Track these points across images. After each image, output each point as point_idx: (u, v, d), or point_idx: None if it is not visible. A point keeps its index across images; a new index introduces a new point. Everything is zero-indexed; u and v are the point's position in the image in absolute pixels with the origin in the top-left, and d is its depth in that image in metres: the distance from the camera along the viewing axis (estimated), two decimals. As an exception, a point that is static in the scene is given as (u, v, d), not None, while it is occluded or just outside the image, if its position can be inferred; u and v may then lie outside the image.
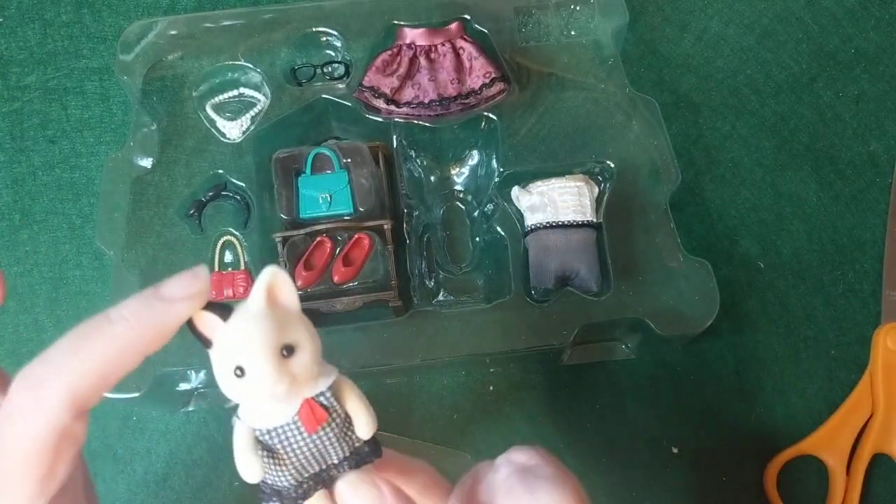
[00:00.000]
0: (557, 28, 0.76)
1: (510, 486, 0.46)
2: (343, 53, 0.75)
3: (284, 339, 0.39)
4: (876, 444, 0.68)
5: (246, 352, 0.38)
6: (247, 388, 0.39)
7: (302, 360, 0.39)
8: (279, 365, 0.38)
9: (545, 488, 0.45)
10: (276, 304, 0.40)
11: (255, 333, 0.38)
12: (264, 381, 0.38)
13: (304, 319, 0.41)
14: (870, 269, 0.75)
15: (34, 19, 0.83)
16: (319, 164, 0.69)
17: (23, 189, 0.77)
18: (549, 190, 0.68)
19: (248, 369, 0.38)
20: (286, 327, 0.39)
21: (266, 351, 0.38)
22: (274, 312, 0.39)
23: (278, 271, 0.39)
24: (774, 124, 0.79)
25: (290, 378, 0.39)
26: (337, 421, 0.42)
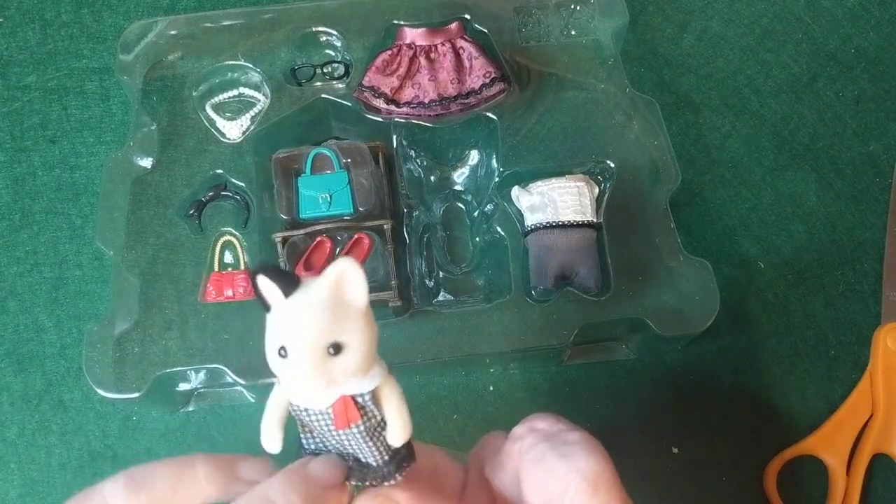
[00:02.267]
0: (557, 28, 0.76)
1: (540, 453, 0.45)
2: (343, 53, 0.75)
3: (335, 336, 0.38)
4: (876, 444, 0.68)
5: (292, 338, 0.38)
6: (286, 369, 0.39)
7: (346, 362, 0.38)
8: (321, 361, 0.38)
9: (579, 453, 0.44)
10: (340, 297, 0.39)
11: (307, 323, 0.38)
12: (302, 372, 0.38)
13: (366, 319, 0.39)
14: (870, 269, 0.75)
15: (34, 19, 0.83)
16: (319, 164, 0.69)
17: (23, 189, 0.77)
18: (549, 190, 0.68)
19: (291, 354, 0.38)
20: (341, 325, 0.38)
21: (311, 344, 0.38)
22: (335, 306, 0.38)
23: (351, 266, 0.38)
24: (774, 124, 0.79)
25: (329, 377, 0.38)
26: (371, 423, 0.41)
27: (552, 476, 0.44)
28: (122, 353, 0.64)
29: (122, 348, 0.64)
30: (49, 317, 0.73)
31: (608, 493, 0.43)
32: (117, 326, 0.65)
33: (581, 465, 0.43)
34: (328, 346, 0.38)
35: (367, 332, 0.39)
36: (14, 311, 0.74)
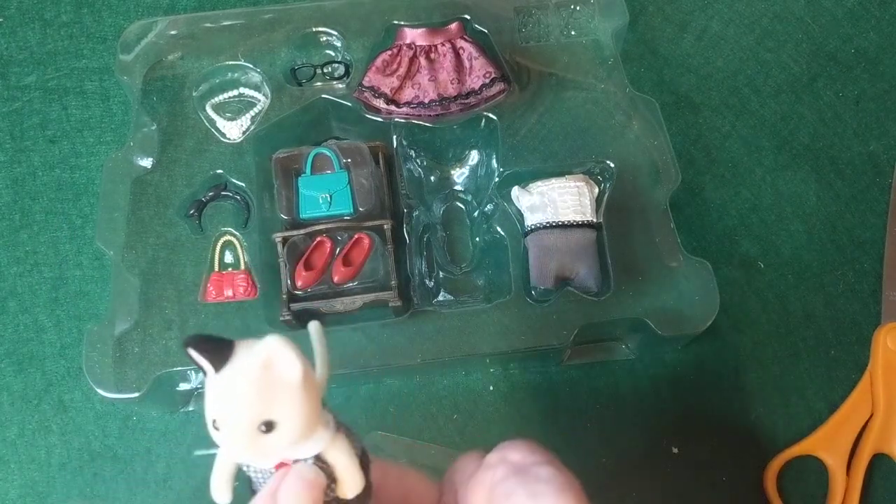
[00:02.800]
0: (557, 28, 0.76)
1: (510, 489, 0.44)
2: (343, 53, 0.75)
3: (266, 415, 0.38)
4: (876, 444, 0.68)
5: (222, 414, 0.38)
6: (221, 441, 0.39)
7: (279, 438, 0.38)
8: (252, 439, 0.38)
9: (548, 493, 0.43)
10: (270, 375, 0.38)
11: (236, 402, 0.38)
12: (233, 447, 0.38)
13: (302, 394, 0.39)
14: (870, 269, 0.75)
15: (34, 19, 0.83)
16: (319, 165, 0.69)
17: (23, 189, 0.77)
18: (549, 190, 0.68)
19: (222, 430, 0.38)
20: (272, 403, 0.38)
21: (241, 423, 0.38)
22: (265, 384, 0.38)
23: (281, 344, 0.38)
24: (774, 124, 0.79)
25: (262, 452, 0.38)
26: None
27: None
28: (122, 353, 0.64)
29: (122, 348, 0.64)
30: (49, 317, 0.73)
31: None
32: (117, 326, 0.65)
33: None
34: (259, 425, 0.37)
35: (302, 407, 0.39)
36: (14, 311, 0.74)
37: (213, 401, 0.38)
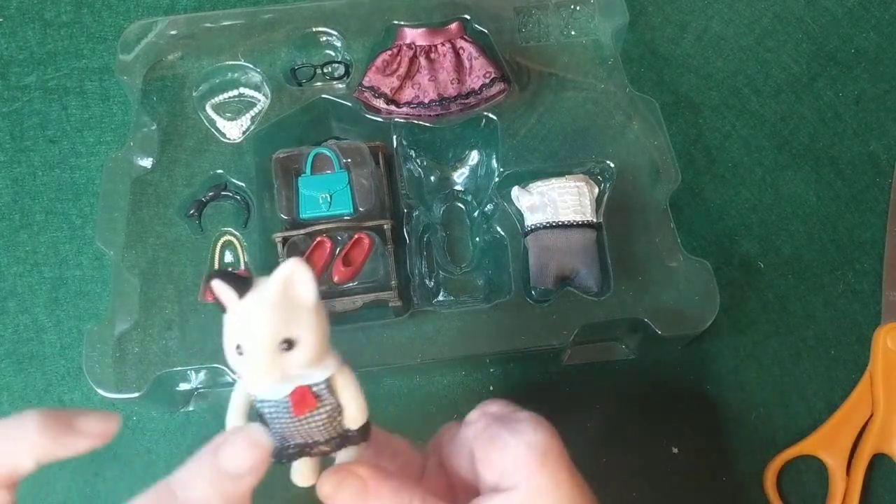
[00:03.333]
0: (557, 28, 0.76)
1: (493, 433, 0.48)
2: (343, 53, 0.75)
3: (287, 333, 0.40)
4: (876, 444, 0.68)
5: (247, 336, 0.40)
6: (244, 365, 0.41)
7: (298, 357, 0.41)
8: (274, 357, 0.40)
9: (528, 428, 0.48)
10: (290, 296, 0.41)
11: (259, 322, 0.40)
12: (257, 367, 0.40)
13: (316, 315, 0.42)
14: (870, 269, 0.75)
15: (34, 19, 0.83)
16: (319, 165, 0.69)
17: (23, 189, 0.77)
18: (549, 190, 0.68)
19: (246, 352, 0.40)
20: (292, 322, 0.41)
21: (264, 341, 0.40)
22: (285, 305, 0.41)
23: (299, 265, 0.41)
24: (774, 124, 0.79)
25: (282, 371, 0.41)
26: (326, 409, 0.43)
27: (504, 452, 0.47)
28: (122, 353, 0.64)
29: (122, 348, 0.64)
30: (49, 317, 0.73)
31: (556, 463, 0.47)
32: (117, 326, 0.65)
33: (530, 438, 0.47)
34: (281, 343, 0.40)
35: (318, 327, 0.42)
36: (14, 311, 0.74)
37: (237, 326, 0.41)
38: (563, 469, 0.47)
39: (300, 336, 0.41)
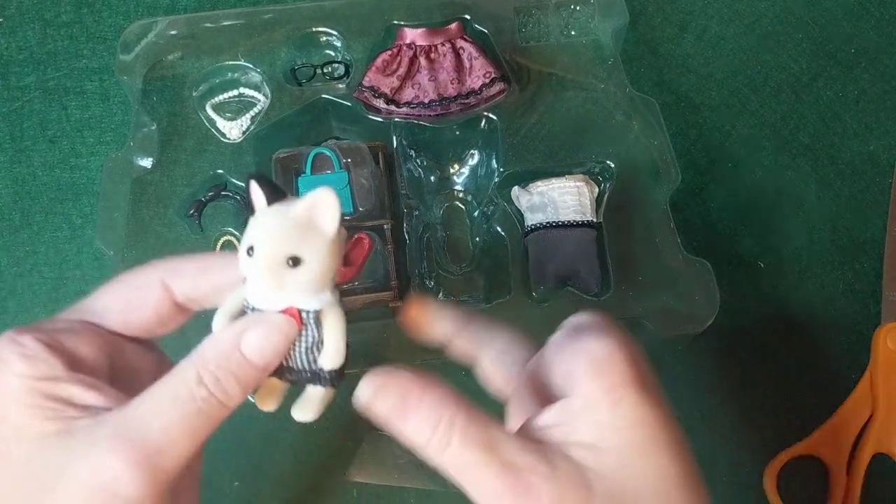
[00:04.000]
0: (557, 28, 0.76)
1: (561, 343, 0.46)
2: (343, 53, 0.76)
3: (295, 250, 0.41)
4: (876, 444, 0.68)
5: (260, 240, 0.42)
6: (249, 267, 0.42)
7: (299, 276, 0.42)
8: (278, 267, 0.41)
9: (592, 335, 0.44)
10: (311, 219, 0.42)
11: (275, 231, 0.42)
12: (260, 272, 0.42)
13: (329, 247, 0.42)
14: (870, 269, 0.75)
15: (34, 19, 0.83)
16: (319, 164, 0.69)
17: (23, 189, 0.77)
18: (549, 190, 0.68)
19: (255, 255, 0.42)
20: (305, 242, 0.42)
21: (273, 249, 0.42)
22: (304, 225, 0.42)
23: (330, 195, 0.42)
24: (774, 124, 0.79)
25: (280, 283, 0.42)
26: (307, 339, 0.44)
27: (565, 361, 0.44)
28: (122, 353, 0.64)
29: (122, 348, 0.64)
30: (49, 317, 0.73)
31: (615, 377, 0.42)
32: (117, 326, 0.65)
33: (589, 346, 0.43)
34: (288, 258, 0.41)
35: (326, 258, 0.42)
36: (14, 311, 0.74)
37: (256, 229, 0.42)
38: (626, 384, 0.41)
39: (307, 258, 0.42)
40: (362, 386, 0.42)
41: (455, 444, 0.40)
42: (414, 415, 0.41)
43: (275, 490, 0.67)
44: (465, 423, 0.41)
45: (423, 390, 0.42)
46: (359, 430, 0.68)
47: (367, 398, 0.42)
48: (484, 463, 0.40)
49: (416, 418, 0.41)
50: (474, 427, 0.41)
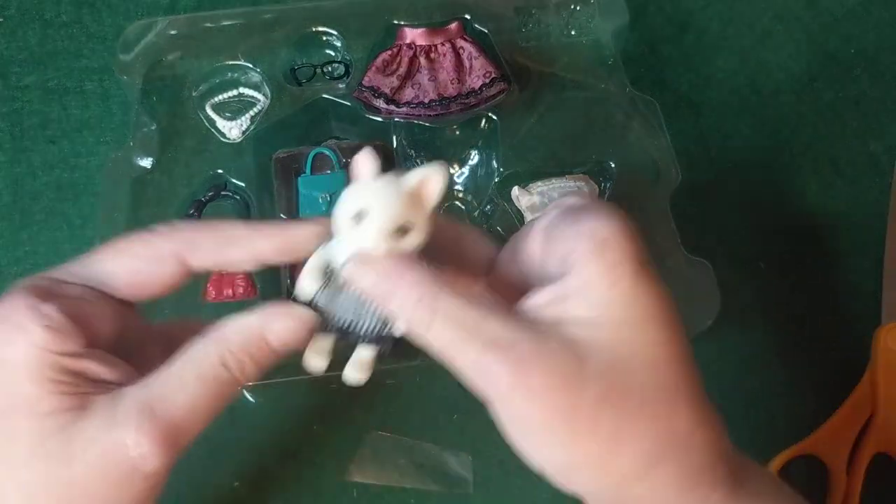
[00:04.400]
0: (558, 28, 0.76)
1: (557, 221, 0.44)
2: (343, 53, 0.76)
3: (407, 220, 0.43)
4: (876, 444, 0.68)
5: (375, 207, 0.42)
6: (355, 231, 0.43)
7: (404, 244, 0.43)
8: (389, 233, 0.42)
9: (592, 215, 0.42)
10: (419, 193, 0.43)
11: (391, 201, 0.43)
12: (371, 237, 0.42)
13: (430, 221, 0.44)
14: (870, 269, 0.75)
15: (34, 19, 0.83)
16: (319, 164, 0.69)
17: (23, 189, 0.77)
18: (550, 190, 0.68)
19: (366, 220, 0.42)
20: (415, 215, 0.43)
21: (390, 216, 0.42)
22: (415, 198, 0.43)
23: (441, 170, 0.43)
24: (774, 124, 0.79)
25: (388, 248, 0.43)
26: None
27: (563, 240, 0.43)
28: (122, 353, 0.64)
29: (122, 348, 0.64)
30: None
31: (617, 255, 0.41)
32: (117, 326, 0.65)
33: (590, 225, 0.42)
34: (398, 227, 0.42)
35: (425, 230, 0.44)
36: (14, 311, 0.73)
37: (370, 196, 0.43)
38: (626, 262, 0.40)
39: (414, 229, 0.43)
40: (345, 267, 0.43)
41: (438, 322, 0.41)
42: (396, 293, 0.42)
43: (275, 490, 0.67)
44: (448, 302, 0.41)
45: (404, 269, 0.42)
46: (359, 429, 0.68)
47: (349, 274, 0.43)
48: (468, 339, 0.40)
49: (398, 296, 0.42)
50: (457, 305, 0.41)
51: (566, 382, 0.39)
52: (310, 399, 0.69)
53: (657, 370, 0.41)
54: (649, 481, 0.41)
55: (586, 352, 0.40)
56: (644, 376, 0.41)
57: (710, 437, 0.43)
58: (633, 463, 0.40)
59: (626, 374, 0.40)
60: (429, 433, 0.69)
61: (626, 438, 0.40)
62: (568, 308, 0.41)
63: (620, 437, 0.40)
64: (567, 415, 0.39)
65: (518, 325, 0.41)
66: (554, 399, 0.39)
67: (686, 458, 0.42)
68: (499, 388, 0.40)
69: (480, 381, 0.40)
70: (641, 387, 0.40)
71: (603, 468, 0.40)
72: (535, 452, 0.42)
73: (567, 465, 0.41)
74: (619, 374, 0.40)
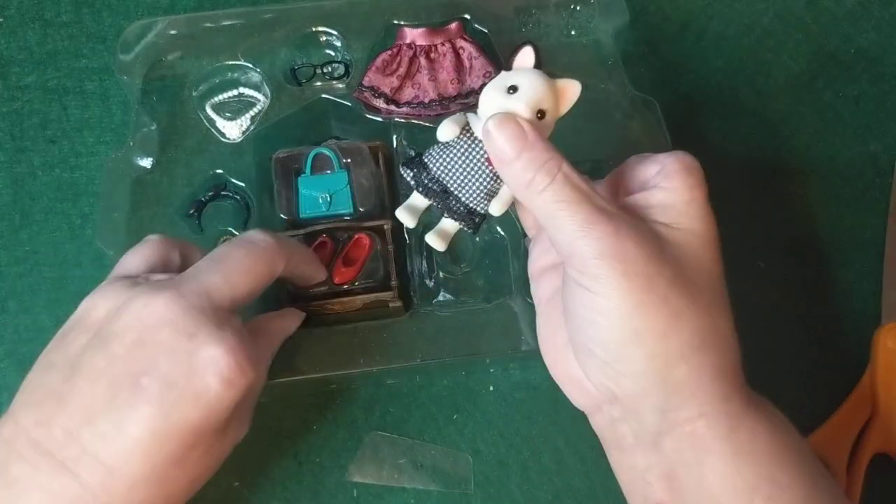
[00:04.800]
0: (558, 28, 0.76)
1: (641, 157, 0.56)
2: (343, 53, 0.76)
3: (548, 108, 0.52)
4: (876, 444, 0.68)
5: (531, 84, 0.51)
6: (508, 100, 0.51)
7: (539, 124, 0.51)
8: (535, 105, 0.51)
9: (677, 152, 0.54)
10: (562, 92, 0.53)
11: (545, 88, 0.52)
12: (521, 105, 0.50)
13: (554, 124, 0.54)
14: (870, 269, 0.75)
15: (34, 19, 0.83)
16: (319, 164, 0.69)
17: (23, 189, 0.77)
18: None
19: (519, 91, 0.51)
20: (553, 107, 0.52)
21: (540, 92, 0.51)
22: (558, 93, 0.53)
23: (579, 89, 0.53)
24: (774, 124, 0.79)
25: (530, 115, 0.51)
26: (498, 181, 0.54)
27: (651, 163, 0.54)
28: (122, 353, 0.64)
29: (122, 348, 0.64)
30: (49, 317, 0.73)
31: (699, 178, 0.51)
32: (117, 326, 0.65)
33: (682, 154, 0.53)
34: (541, 108, 0.51)
35: (552, 125, 0.53)
36: (14, 311, 0.73)
37: (526, 78, 0.52)
38: (702, 187, 0.51)
39: (549, 118, 0.52)
40: (490, 119, 0.50)
41: (558, 181, 0.49)
42: (528, 151, 0.49)
43: (275, 490, 0.67)
44: (568, 169, 0.49)
45: (538, 135, 0.50)
46: (359, 430, 0.68)
47: (492, 125, 0.50)
48: (581, 201, 0.48)
49: (528, 154, 0.49)
50: (575, 174, 0.49)
51: (651, 256, 0.48)
52: (310, 399, 0.69)
53: (711, 278, 0.51)
54: (692, 363, 0.48)
55: (665, 241, 0.49)
56: (702, 278, 0.50)
57: (738, 349, 0.52)
58: (686, 343, 0.48)
59: (691, 270, 0.49)
60: (429, 433, 0.69)
61: (685, 318, 0.48)
62: (653, 213, 0.51)
63: (681, 315, 0.48)
64: (647, 283, 0.47)
65: (618, 204, 0.51)
66: (641, 267, 0.47)
67: (723, 351, 0.50)
68: (599, 248, 0.47)
69: (582, 241, 0.47)
70: (700, 285, 0.49)
71: (662, 341, 0.47)
72: (598, 326, 0.49)
73: (630, 336, 0.48)
74: (686, 268, 0.49)
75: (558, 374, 0.56)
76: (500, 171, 0.52)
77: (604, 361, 0.49)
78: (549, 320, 0.57)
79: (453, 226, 0.57)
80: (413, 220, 0.57)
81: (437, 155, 0.55)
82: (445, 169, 0.54)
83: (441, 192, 0.55)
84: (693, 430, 0.49)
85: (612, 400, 0.51)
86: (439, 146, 0.55)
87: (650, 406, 0.49)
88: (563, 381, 0.56)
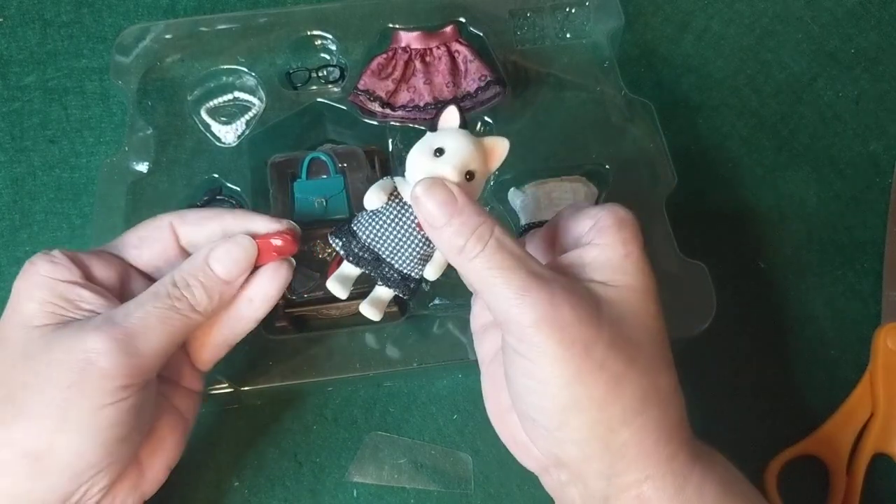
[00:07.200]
0: (553, 30, 0.76)
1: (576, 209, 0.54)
2: (338, 57, 0.76)
3: (475, 168, 0.50)
4: (876, 444, 0.68)
5: (456, 148, 0.49)
6: (434, 163, 0.49)
7: (470, 187, 0.49)
8: (461, 170, 0.49)
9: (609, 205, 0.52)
10: (490, 152, 0.51)
11: (471, 146, 0.50)
12: (445, 167, 0.48)
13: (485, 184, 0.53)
14: (870, 269, 0.74)
15: (34, 19, 0.84)
16: (315, 169, 0.68)
17: (23, 189, 0.78)
18: (544, 191, 0.68)
19: (445, 155, 0.49)
20: (481, 168, 0.50)
21: (465, 156, 0.49)
22: (485, 154, 0.51)
23: (507, 144, 0.52)
24: (774, 124, 0.79)
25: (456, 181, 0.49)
26: (430, 247, 0.53)
27: (584, 217, 0.52)
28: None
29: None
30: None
31: (633, 231, 0.50)
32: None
33: (611, 208, 0.51)
34: (469, 170, 0.49)
35: (482, 188, 0.52)
36: (14, 311, 0.74)
37: (452, 140, 0.50)
38: (637, 241, 0.50)
39: (478, 179, 0.50)
40: (418, 185, 0.48)
41: (491, 248, 0.47)
42: (458, 216, 0.48)
43: (275, 490, 0.67)
44: (500, 234, 0.48)
45: (468, 199, 0.49)
46: (359, 429, 0.69)
47: (420, 190, 0.48)
48: (514, 268, 0.47)
49: (458, 220, 0.48)
50: (507, 238, 0.48)
51: (588, 320, 0.46)
52: (309, 399, 0.70)
53: (651, 335, 0.49)
54: (634, 427, 0.47)
55: (602, 302, 0.48)
56: (641, 336, 0.48)
57: (682, 404, 0.50)
58: (627, 407, 0.46)
59: (630, 329, 0.48)
60: (429, 433, 0.69)
61: (625, 382, 0.46)
62: (588, 270, 0.49)
63: (621, 380, 0.46)
64: (584, 350, 0.45)
65: (552, 267, 0.49)
66: (577, 333, 0.45)
67: (665, 410, 0.48)
68: (534, 315, 0.45)
69: (516, 309, 0.46)
70: (639, 344, 0.48)
71: (603, 408, 0.46)
72: (538, 394, 0.47)
73: (570, 404, 0.46)
74: (625, 327, 0.47)
75: (505, 438, 0.55)
76: (432, 236, 0.50)
77: (546, 428, 0.48)
78: (494, 382, 0.55)
79: (388, 293, 0.56)
80: (345, 291, 0.55)
81: (366, 222, 0.53)
82: (376, 236, 0.53)
83: (373, 260, 0.54)
84: (640, 493, 0.48)
85: (559, 465, 0.50)
86: (368, 213, 0.53)
87: (595, 472, 0.48)
88: (510, 444, 0.55)
